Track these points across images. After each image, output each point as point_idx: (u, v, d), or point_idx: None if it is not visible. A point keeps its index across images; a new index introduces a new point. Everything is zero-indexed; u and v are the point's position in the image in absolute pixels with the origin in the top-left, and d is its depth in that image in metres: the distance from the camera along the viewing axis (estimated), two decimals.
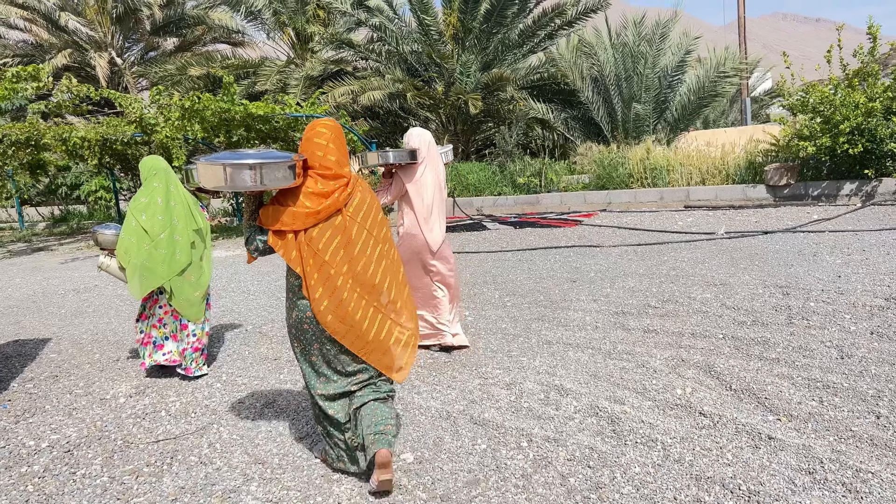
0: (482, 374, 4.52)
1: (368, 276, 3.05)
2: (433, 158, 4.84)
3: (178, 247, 4.62)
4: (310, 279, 2.97)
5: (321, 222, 2.95)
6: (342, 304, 2.99)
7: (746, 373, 4.15)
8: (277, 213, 2.93)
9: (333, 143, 2.99)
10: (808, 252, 7.56)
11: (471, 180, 15.31)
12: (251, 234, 3.04)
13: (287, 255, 2.97)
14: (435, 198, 4.82)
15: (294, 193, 2.95)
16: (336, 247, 2.98)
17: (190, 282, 4.70)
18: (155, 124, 11.57)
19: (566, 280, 7.22)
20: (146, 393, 4.68)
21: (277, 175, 2.83)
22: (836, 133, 10.75)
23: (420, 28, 18.63)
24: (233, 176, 2.82)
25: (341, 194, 2.98)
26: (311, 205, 2.93)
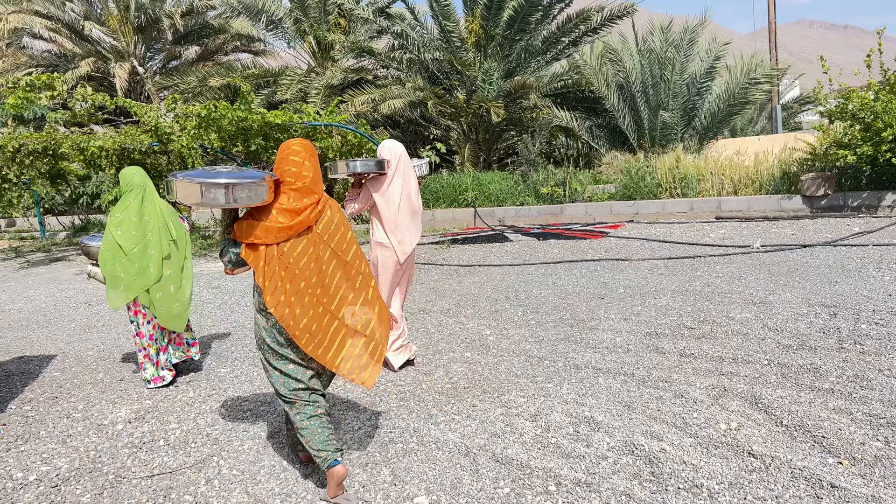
0: (505, 403, 4.17)
1: (332, 292, 3.19)
2: (404, 171, 4.86)
3: (151, 261, 4.79)
4: (279, 293, 3.07)
5: (292, 238, 3.07)
6: (311, 317, 3.11)
7: (798, 406, 3.75)
8: (251, 228, 3.05)
9: (309, 160, 3.10)
10: (853, 268, 7.10)
11: (492, 190, 14.96)
12: (225, 247, 3.16)
13: (257, 267, 3.08)
14: (403, 209, 4.86)
15: (267, 209, 3.06)
16: (306, 262, 3.10)
17: (170, 293, 4.88)
18: (171, 133, 11.40)
19: (593, 296, 6.84)
20: (146, 419, 4.39)
21: (249, 194, 2.99)
22: (877, 141, 10.23)
23: (442, 35, 18.37)
24: (207, 194, 2.99)
25: (312, 211, 3.10)
26: (284, 220, 3.04)
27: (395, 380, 4.77)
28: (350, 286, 3.25)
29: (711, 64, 16.28)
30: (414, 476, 3.31)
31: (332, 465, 3.08)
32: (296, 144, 3.13)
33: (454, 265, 9.42)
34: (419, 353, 5.35)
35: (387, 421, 4.04)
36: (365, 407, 4.29)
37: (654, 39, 16.81)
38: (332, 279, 3.18)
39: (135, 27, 22.77)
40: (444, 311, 6.74)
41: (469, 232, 13.08)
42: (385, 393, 4.54)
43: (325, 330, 3.14)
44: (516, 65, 18.70)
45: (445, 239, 12.14)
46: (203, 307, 7.76)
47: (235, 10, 21.63)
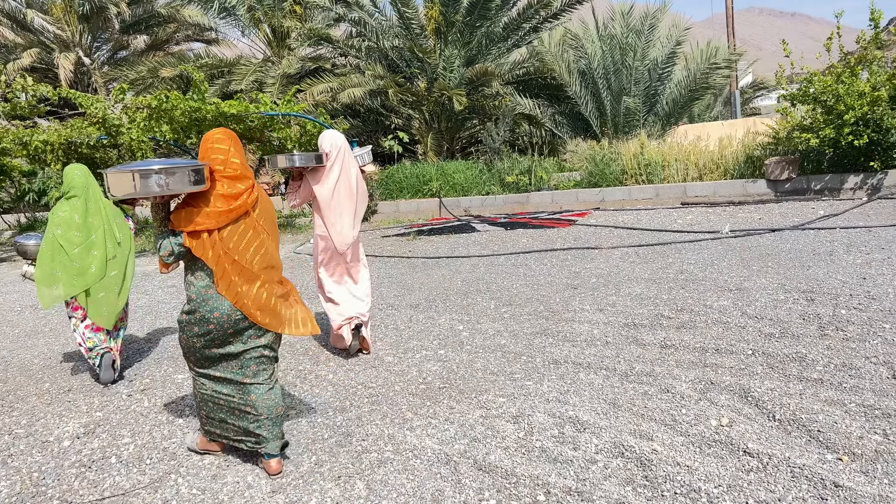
0: (483, 404, 3.95)
1: (275, 270, 3.34)
2: (345, 162, 4.86)
3: (94, 261, 4.71)
4: (227, 277, 3.13)
5: (231, 223, 3.14)
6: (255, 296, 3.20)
7: (789, 398, 3.60)
8: (190, 215, 3.07)
9: (234, 147, 3.20)
10: (824, 251, 7.06)
11: (457, 179, 14.71)
12: (164, 240, 3.10)
13: (204, 254, 3.09)
14: (343, 201, 4.85)
15: (205, 197, 3.10)
16: (246, 245, 3.18)
17: (114, 293, 4.82)
18: (119, 125, 10.85)
19: (566, 286, 6.66)
20: (96, 433, 4.05)
21: (186, 180, 2.96)
22: (839, 124, 10.28)
23: (401, 22, 18.00)
24: (142, 183, 2.93)
25: (249, 196, 3.18)
26: (223, 205, 3.09)
27: (365, 382, 4.51)
28: (278, 260, 3.43)
29: (672, 49, 16.28)
30: (391, 489, 3.07)
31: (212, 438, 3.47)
32: (218, 133, 3.22)
33: (421, 258, 9.17)
34: (389, 352, 5.10)
35: (359, 428, 3.78)
36: (334, 413, 4.02)
37: (614, 25, 16.73)
38: (269, 258, 3.31)
39: (80, 16, 21.82)
40: (413, 305, 6.49)
41: (435, 223, 12.83)
42: (355, 396, 4.27)
43: (276, 304, 3.28)
44: (477, 52, 18.45)
45: (411, 230, 11.87)
46: (158, 308, 7.37)
47: None
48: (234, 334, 3.22)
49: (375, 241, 11.25)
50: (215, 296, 3.16)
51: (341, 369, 4.82)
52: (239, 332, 3.23)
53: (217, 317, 3.16)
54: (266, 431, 3.31)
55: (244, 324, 3.22)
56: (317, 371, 4.83)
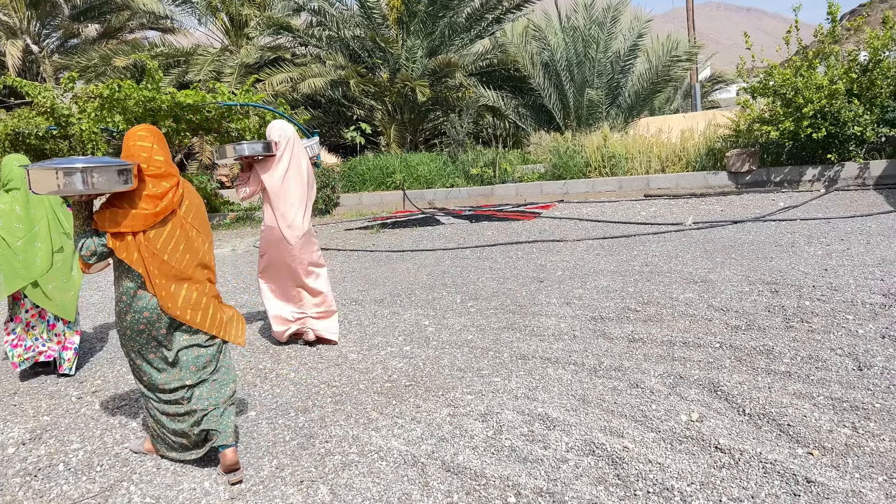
0: (451, 402, 3.85)
1: (208, 270, 3.27)
2: (295, 152, 4.83)
3: (38, 253, 4.57)
4: (155, 278, 3.06)
5: (157, 224, 3.05)
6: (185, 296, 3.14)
7: (758, 392, 3.58)
8: (115, 216, 2.99)
9: (157, 143, 3.10)
10: (785, 243, 7.13)
11: (421, 171, 14.57)
12: (87, 240, 3.01)
13: (129, 257, 3.01)
14: (294, 191, 4.79)
15: (129, 197, 3.01)
16: (175, 245, 3.10)
17: (62, 284, 4.69)
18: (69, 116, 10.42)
19: (532, 280, 6.60)
20: (43, 438, 3.84)
21: (112, 179, 2.87)
22: (798, 117, 10.42)
23: (362, 11, 17.73)
24: (65, 181, 2.83)
25: (175, 194, 3.10)
26: (148, 207, 3.01)
27: (328, 380, 4.37)
28: (211, 258, 3.34)
29: (634, 42, 16.36)
30: (356, 494, 2.95)
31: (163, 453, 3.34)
32: (141, 130, 3.13)
33: (385, 251, 9.02)
34: (353, 349, 4.96)
35: (322, 429, 3.65)
36: (296, 414, 3.88)
37: (577, 17, 16.74)
38: (201, 256, 3.24)
39: (27, 2, 20.98)
40: (377, 300, 6.35)
41: (399, 215, 12.68)
42: (318, 396, 4.13)
43: (202, 303, 3.21)
44: (440, 43, 18.28)
45: (374, 223, 11.70)
46: (111, 305, 7.08)
47: None
48: (166, 334, 3.17)
49: (338, 235, 11.06)
50: (145, 296, 3.10)
51: (303, 367, 4.68)
52: (171, 331, 3.18)
53: (147, 317, 3.11)
54: (215, 424, 3.20)
55: (175, 323, 3.17)
56: (277, 370, 4.68)
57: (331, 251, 9.40)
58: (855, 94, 10.55)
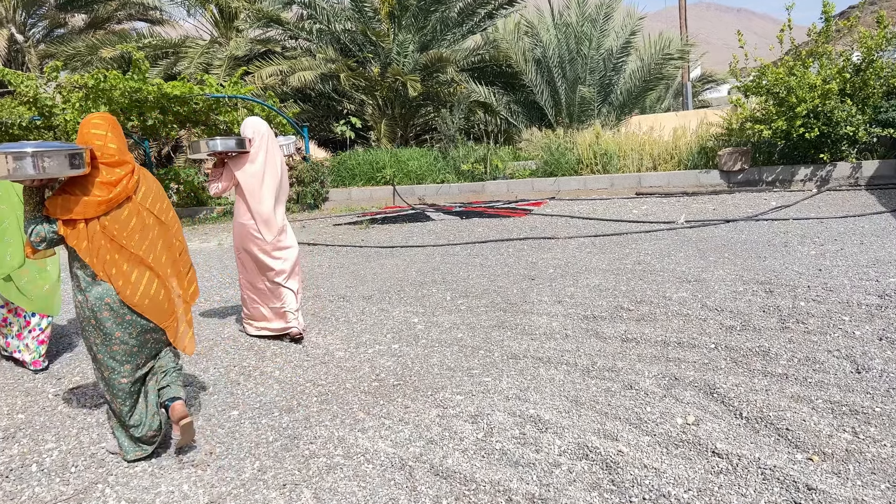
0: (440, 402, 3.74)
1: (160, 258, 3.25)
2: (268, 148, 4.84)
3: (8, 248, 4.42)
4: (110, 266, 3.07)
5: (112, 210, 3.06)
6: (146, 284, 3.16)
7: (755, 394, 3.50)
8: (67, 203, 2.97)
9: (111, 131, 3.11)
10: (778, 242, 7.07)
11: (412, 167, 14.42)
12: (37, 226, 2.97)
13: (78, 245, 3.01)
14: (268, 188, 4.80)
15: (82, 183, 3.00)
16: (131, 231, 3.11)
17: (35, 277, 4.60)
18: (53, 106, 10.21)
19: (523, 277, 6.50)
20: (16, 437, 3.70)
21: (64, 164, 2.83)
22: (791, 116, 10.37)
23: (353, 5, 17.54)
24: (15, 165, 2.77)
25: (129, 181, 3.11)
26: (101, 194, 3.01)
27: (314, 379, 4.25)
28: (171, 252, 3.34)
29: (627, 39, 16.28)
30: (341, 498, 2.84)
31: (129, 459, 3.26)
32: (96, 118, 3.14)
33: (374, 247, 8.89)
34: (340, 347, 4.85)
35: (306, 430, 3.53)
36: (280, 413, 3.76)
37: (570, 13, 16.62)
38: (157, 245, 3.24)
39: None
40: (366, 297, 6.23)
41: (388, 211, 12.55)
42: (303, 395, 4.02)
43: (160, 296, 3.23)
44: (432, 37, 18.13)
45: (364, 219, 11.56)
46: None
47: None
48: (129, 317, 3.17)
49: (327, 230, 10.92)
50: (103, 283, 3.11)
51: (288, 365, 4.56)
52: (134, 321, 3.19)
53: (109, 303, 3.12)
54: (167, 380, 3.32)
55: (133, 313, 3.18)
56: (262, 367, 4.55)
57: (319, 246, 9.26)
58: (848, 94, 10.52)
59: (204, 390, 4.20)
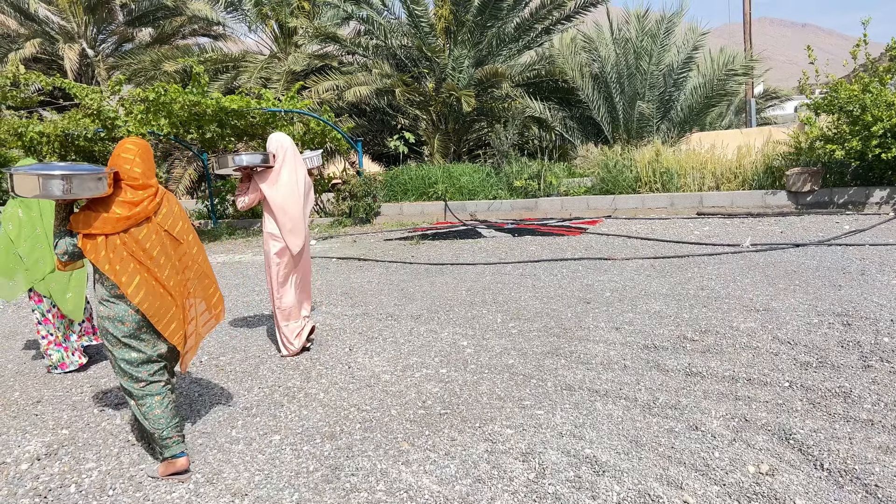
0: (489, 435, 3.52)
1: (178, 277, 3.42)
2: (293, 163, 5.01)
3: (41, 255, 4.80)
4: (132, 277, 3.23)
5: (132, 227, 3.25)
6: (163, 300, 3.34)
7: (836, 442, 3.17)
8: (88, 219, 3.18)
9: (139, 157, 3.30)
10: (854, 270, 6.61)
11: (463, 182, 14.28)
12: (60, 239, 3.20)
13: (95, 258, 3.19)
14: (293, 202, 4.97)
15: (105, 202, 3.21)
16: (150, 248, 3.29)
17: (64, 283, 4.90)
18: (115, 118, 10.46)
19: (578, 300, 6.23)
20: (58, 455, 3.65)
21: (88, 185, 3.08)
22: (866, 136, 9.81)
23: (410, 21, 17.61)
24: (45, 186, 3.04)
25: (150, 203, 3.31)
26: (122, 211, 3.21)
27: (359, 404, 4.09)
28: (188, 273, 3.50)
29: (689, 54, 15.85)
30: None
31: (176, 456, 3.30)
32: (129, 143, 3.33)
33: (424, 263, 8.75)
34: (386, 369, 4.68)
35: (348, 460, 3.36)
36: (322, 440, 3.61)
37: (629, 28, 16.30)
38: (174, 264, 3.41)
39: (85, 7, 21.47)
40: (414, 316, 6.07)
41: (439, 227, 12.42)
42: (346, 420, 3.86)
43: (177, 312, 3.40)
44: (487, 53, 18.05)
45: (414, 234, 11.45)
46: None
47: None
48: (146, 331, 3.34)
49: (377, 245, 10.85)
50: (122, 296, 3.26)
51: (333, 387, 4.41)
52: (147, 330, 3.34)
53: (132, 314, 3.27)
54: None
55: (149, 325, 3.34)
56: (307, 388, 4.42)
57: (369, 262, 9.17)
58: None
59: (248, 411, 4.09)
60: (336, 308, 6.63)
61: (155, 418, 3.28)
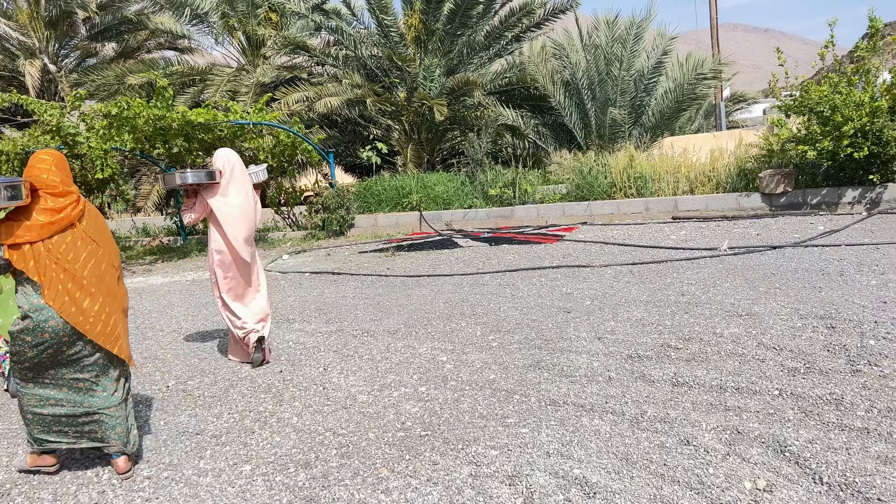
0: (473, 458, 3.35)
1: (106, 282, 3.46)
2: (239, 178, 5.06)
3: None
4: (55, 285, 3.24)
5: (56, 234, 3.28)
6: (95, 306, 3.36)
7: (833, 454, 3.05)
8: (10, 228, 3.21)
9: (55, 166, 3.37)
10: (833, 271, 6.57)
11: (438, 192, 14.12)
12: None
13: (25, 266, 3.21)
14: (241, 216, 5.01)
15: (27, 211, 3.24)
16: (75, 255, 3.32)
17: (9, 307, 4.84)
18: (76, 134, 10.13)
19: (559, 310, 6.10)
20: (10, 495, 3.39)
21: (2, 195, 3.08)
22: (837, 136, 9.86)
23: (379, 30, 17.47)
24: None
25: (73, 209, 3.36)
26: (44, 218, 3.25)
27: (334, 427, 3.89)
28: (113, 275, 3.53)
29: (659, 59, 15.91)
30: None
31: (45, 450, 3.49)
32: (43, 154, 3.41)
33: (400, 276, 8.56)
34: (363, 389, 4.49)
35: (324, 490, 3.17)
36: (296, 469, 3.40)
37: (599, 35, 16.33)
38: (101, 269, 3.44)
39: (46, 22, 20.99)
40: (391, 332, 5.88)
41: (415, 238, 12.24)
42: (322, 446, 3.66)
43: (108, 318, 3.42)
44: (458, 61, 17.97)
45: (389, 246, 11.26)
46: None
47: (157, 4, 20.14)
48: (68, 344, 3.32)
49: (352, 258, 10.64)
50: (48, 307, 3.24)
51: (308, 411, 4.21)
52: (73, 343, 3.33)
53: (52, 326, 3.24)
54: (110, 431, 3.43)
55: (76, 335, 3.32)
56: (279, 413, 4.21)
57: (343, 276, 8.96)
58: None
59: (217, 439, 3.87)
60: (310, 325, 6.42)
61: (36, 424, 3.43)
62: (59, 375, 3.37)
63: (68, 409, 3.40)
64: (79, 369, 3.39)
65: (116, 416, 3.46)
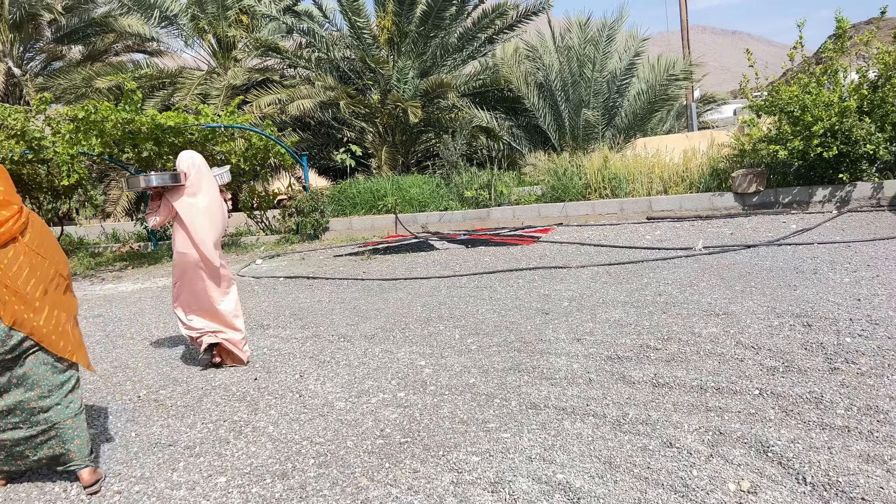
0: (454, 464, 3.29)
1: (52, 292, 3.33)
2: (204, 180, 5.02)
3: None
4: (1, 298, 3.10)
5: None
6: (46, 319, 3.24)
7: (816, 453, 3.04)
8: None
9: None
10: (807, 269, 6.64)
11: (413, 194, 14.06)
12: None
13: None
14: (207, 218, 4.97)
15: None
16: (18, 270, 3.18)
17: None
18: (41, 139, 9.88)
19: (537, 311, 6.07)
20: None
21: None
22: (807, 135, 10.00)
23: (352, 32, 17.38)
24: None
25: (16, 223, 3.21)
26: None
27: (311, 436, 3.80)
28: (61, 285, 3.43)
29: (631, 60, 16.04)
30: None
31: None
32: None
33: (377, 279, 8.48)
34: (340, 396, 4.40)
35: (302, 501, 3.09)
36: (273, 480, 3.31)
37: (571, 36, 16.42)
38: (47, 281, 3.32)
39: (10, 24, 20.51)
40: (368, 336, 5.80)
41: (391, 240, 12.16)
42: (299, 456, 3.56)
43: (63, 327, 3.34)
44: (432, 63, 17.93)
45: (365, 249, 11.17)
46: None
47: (125, 6, 19.78)
48: (13, 360, 3.18)
49: (327, 262, 10.52)
50: None
51: (284, 419, 4.11)
52: (18, 357, 3.19)
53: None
54: (71, 446, 3.31)
55: (22, 347, 3.18)
56: (255, 422, 4.11)
57: (319, 280, 8.85)
58: (865, 112, 10.15)
59: (190, 450, 3.76)
60: (284, 331, 6.31)
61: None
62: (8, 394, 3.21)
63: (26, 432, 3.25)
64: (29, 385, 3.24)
65: (74, 427, 3.33)
